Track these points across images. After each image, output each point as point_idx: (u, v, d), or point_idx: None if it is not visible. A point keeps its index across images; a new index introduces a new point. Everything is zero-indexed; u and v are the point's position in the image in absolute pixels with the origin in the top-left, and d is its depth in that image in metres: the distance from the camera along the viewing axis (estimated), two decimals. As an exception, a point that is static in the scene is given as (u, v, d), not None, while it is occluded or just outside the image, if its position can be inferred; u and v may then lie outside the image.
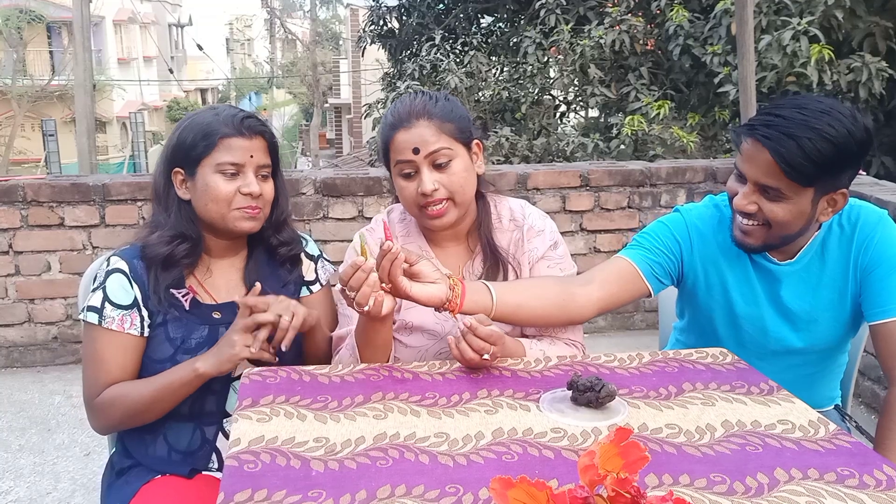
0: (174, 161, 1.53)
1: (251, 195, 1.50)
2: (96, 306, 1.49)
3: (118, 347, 1.49)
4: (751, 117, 1.48)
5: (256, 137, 1.52)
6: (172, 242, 1.50)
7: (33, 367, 3.68)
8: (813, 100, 1.44)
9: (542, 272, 1.61)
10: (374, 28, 9.80)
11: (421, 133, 1.51)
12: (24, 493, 2.66)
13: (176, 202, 1.53)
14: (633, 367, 1.42)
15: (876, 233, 1.55)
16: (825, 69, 5.12)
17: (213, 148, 1.48)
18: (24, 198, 3.53)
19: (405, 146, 1.51)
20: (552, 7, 7.13)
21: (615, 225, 4.03)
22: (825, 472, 1.05)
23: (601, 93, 6.69)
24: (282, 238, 1.61)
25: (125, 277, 1.50)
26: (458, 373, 1.39)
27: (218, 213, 1.50)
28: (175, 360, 1.49)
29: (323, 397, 1.28)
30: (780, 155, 1.39)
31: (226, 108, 1.56)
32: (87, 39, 5.92)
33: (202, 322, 1.53)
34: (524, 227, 1.64)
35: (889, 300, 1.51)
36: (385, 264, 1.35)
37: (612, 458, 0.84)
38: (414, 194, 1.53)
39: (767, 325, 1.64)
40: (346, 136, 25.36)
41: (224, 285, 1.58)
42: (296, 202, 3.73)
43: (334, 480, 1.03)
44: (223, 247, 1.58)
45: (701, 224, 1.66)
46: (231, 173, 1.49)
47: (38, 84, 22.10)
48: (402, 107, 1.55)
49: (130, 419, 1.50)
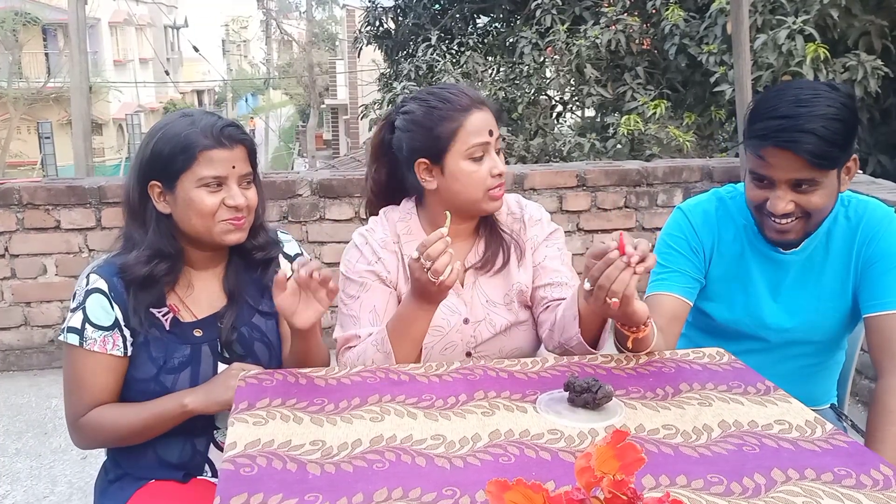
0: (150, 174, 1.45)
1: (236, 208, 1.45)
2: (76, 327, 1.44)
3: (100, 368, 1.45)
4: (753, 127, 1.50)
5: (237, 146, 1.45)
6: (151, 262, 1.44)
7: (30, 371, 3.67)
8: (796, 89, 1.49)
9: (543, 252, 1.64)
10: (371, 29, 9.80)
11: (489, 119, 1.56)
12: (21, 496, 2.65)
13: (154, 216, 1.47)
14: (629, 368, 1.42)
15: (881, 227, 1.59)
16: (821, 68, 5.12)
17: (194, 161, 1.41)
18: (19, 201, 3.53)
19: (483, 127, 1.54)
20: (548, 7, 7.14)
21: (612, 225, 4.03)
22: (822, 472, 1.05)
23: (597, 92, 6.70)
24: (257, 242, 1.55)
25: (105, 298, 1.45)
26: (454, 374, 1.39)
27: (203, 227, 1.45)
28: (158, 380, 1.47)
29: (319, 400, 1.28)
30: (806, 150, 1.43)
31: (201, 115, 1.48)
32: (82, 41, 5.90)
33: (183, 342, 1.50)
34: (524, 217, 1.67)
35: (886, 294, 1.55)
36: None
37: (608, 460, 0.84)
38: (485, 176, 1.54)
39: (767, 315, 1.66)
40: (343, 136, 25.38)
41: (206, 298, 1.54)
42: (292, 203, 3.73)
43: (331, 484, 1.03)
44: (205, 258, 1.53)
45: (705, 218, 1.69)
46: (214, 186, 1.43)
47: (34, 86, 22.05)
48: (467, 91, 1.57)
49: (115, 443, 1.50)
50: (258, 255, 1.56)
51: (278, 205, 3.69)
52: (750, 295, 1.66)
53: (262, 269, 1.58)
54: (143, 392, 1.48)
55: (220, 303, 1.54)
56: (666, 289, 1.64)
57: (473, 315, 1.60)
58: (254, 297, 1.57)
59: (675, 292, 1.64)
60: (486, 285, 1.63)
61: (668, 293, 1.64)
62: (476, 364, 1.44)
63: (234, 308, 1.54)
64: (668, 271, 1.66)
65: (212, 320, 1.52)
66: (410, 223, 1.64)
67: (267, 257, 1.57)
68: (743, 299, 1.67)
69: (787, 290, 1.64)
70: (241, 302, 1.55)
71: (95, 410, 1.47)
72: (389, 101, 7.60)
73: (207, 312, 1.53)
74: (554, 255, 1.65)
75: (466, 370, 1.40)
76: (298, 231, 3.73)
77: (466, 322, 1.60)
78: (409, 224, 1.64)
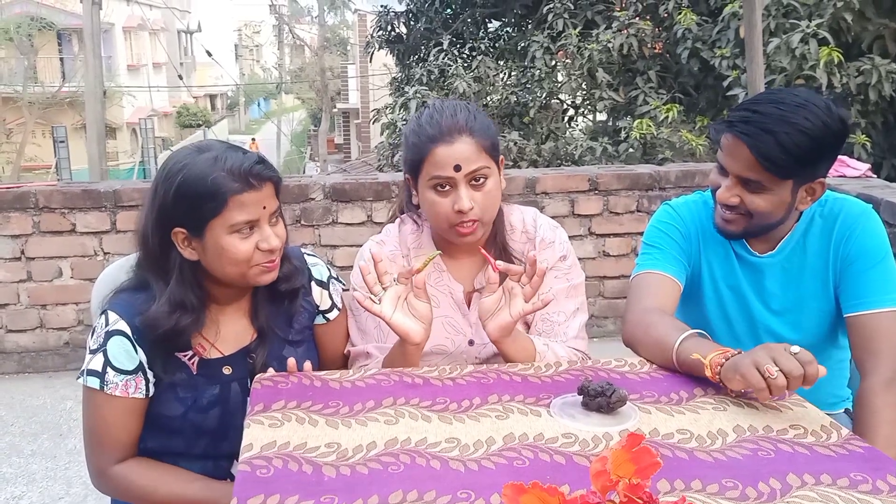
0: (173, 220, 1.35)
1: (271, 251, 1.38)
2: (97, 371, 1.38)
3: (122, 412, 1.41)
4: (729, 112, 1.51)
5: (265, 185, 1.36)
6: (174, 314, 1.36)
7: (45, 373, 3.70)
8: (790, 94, 1.48)
9: (551, 283, 1.60)
10: (382, 33, 9.84)
11: (463, 150, 1.47)
12: (37, 497, 2.68)
13: (178, 264, 1.38)
14: (643, 372, 1.42)
15: (858, 225, 1.59)
16: (834, 72, 5.11)
17: (224, 208, 1.32)
18: (36, 204, 3.56)
19: (447, 162, 1.46)
20: (560, 11, 7.15)
21: (624, 229, 4.02)
22: (838, 477, 1.05)
23: (609, 96, 6.70)
24: (282, 274, 1.46)
25: (128, 341, 1.38)
26: (468, 378, 1.39)
27: (237, 274, 1.38)
28: (186, 418, 1.43)
29: (334, 402, 1.29)
30: (759, 150, 1.43)
31: (223, 151, 1.36)
32: (97, 46, 5.96)
33: (212, 382, 1.45)
34: (536, 240, 1.63)
35: (865, 293, 1.55)
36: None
37: (624, 463, 0.84)
38: (448, 211, 1.48)
39: (756, 318, 1.67)
40: (355, 140, 25.43)
41: (232, 333, 1.48)
42: (305, 207, 3.75)
43: (346, 486, 1.03)
44: (230, 294, 1.46)
45: (692, 217, 1.70)
46: (246, 232, 1.35)
47: (49, 91, 22.25)
48: (444, 120, 1.49)
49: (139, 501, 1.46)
50: (283, 287, 1.48)
51: (291, 208, 3.71)
52: (737, 296, 1.67)
53: (289, 300, 1.52)
54: (169, 428, 1.45)
55: (248, 336, 1.49)
56: (655, 267, 1.63)
57: (479, 337, 1.58)
58: (282, 328, 1.52)
59: (664, 271, 1.62)
60: None
61: (657, 271, 1.63)
62: (489, 368, 1.44)
63: (264, 345, 1.48)
64: (658, 250, 1.65)
65: (241, 356, 1.47)
66: (422, 238, 1.64)
67: (292, 287, 1.50)
68: (732, 301, 1.68)
69: (770, 292, 1.65)
70: (272, 336, 1.50)
71: (127, 467, 1.43)
72: (401, 106, 7.62)
73: (235, 348, 1.48)
74: (558, 290, 1.61)
75: (480, 374, 1.41)
76: (311, 235, 3.75)
77: (472, 343, 1.59)
78: (420, 239, 1.64)
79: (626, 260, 4.05)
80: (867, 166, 3.92)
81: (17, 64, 22.43)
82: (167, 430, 1.46)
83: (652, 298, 1.57)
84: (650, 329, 1.48)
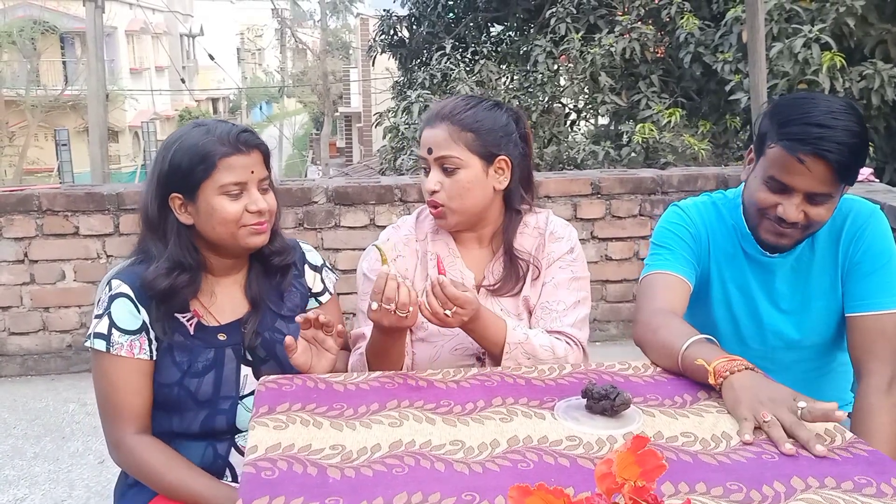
0: (169, 186, 1.47)
1: (259, 212, 1.48)
2: (103, 333, 1.46)
3: (130, 373, 1.47)
4: (789, 130, 1.46)
5: (254, 151, 1.48)
6: (171, 274, 1.46)
7: (47, 375, 3.71)
8: (824, 99, 1.49)
9: (555, 272, 1.64)
10: (385, 37, 9.86)
11: (437, 135, 1.57)
12: (40, 500, 2.68)
13: (174, 228, 1.48)
14: (647, 376, 1.42)
15: (868, 226, 1.60)
16: (837, 76, 5.11)
17: (213, 169, 1.44)
18: (39, 207, 3.57)
19: (424, 144, 1.59)
20: (562, 16, 7.16)
21: (627, 233, 4.03)
22: (842, 480, 1.05)
23: (611, 101, 6.71)
24: (274, 248, 1.57)
25: (130, 302, 1.48)
26: (472, 381, 1.39)
27: (228, 234, 1.47)
28: (182, 384, 1.49)
29: (339, 405, 1.29)
30: (840, 164, 1.43)
31: (215, 123, 1.50)
32: (99, 50, 5.97)
33: (207, 346, 1.52)
34: (546, 233, 1.67)
35: (868, 295, 1.56)
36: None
37: (629, 466, 0.84)
38: (426, 190, 1.59)
39: (763, 318, 1.67)
40: (357, 144, 25.45)
41: (228, 304, 1.56)
42: (308, 211, 3.75)
43: (351, 488, 1.04)
44: (226, 265, 1.56)
45: (701, 220, 1.70)
46: (235, 193, 1.46)
47: (52, 94, 22.31)
48: (436, 106, 1.62)
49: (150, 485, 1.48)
50: (276, 261, 1.58)
51: (294, 212, 3.72)
52: (746, 297, 1.67)
53: (281, 274, 1.61)
54: (167, 397, 1.50)
55: (243, 309, 1.57)
56: (664, 267, 1.63)
57: None
58: (275, 302, 1.60)
59: (673, 271, 1.62)
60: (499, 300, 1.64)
61: (667, 272, 1.63)
62: (493, 371, 1.45)
63: (257, 314, 1.56)
64: (668, 250, 1.65)
65: (235, 325, 1.55)
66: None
67: (285, 263, 1.60)
68: (740, 302, 1.68)
69: (779, 292, 1.65)
70: (264, 308, 1.58)
71: (142, 441, 1.47)
72: (403, 110, 7.63)
73: (230, 318, 1.55)
74: (561, 279, 1.63)
75: (484, 377, 1.41)
76: (314, 238, 3.75)
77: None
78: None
79: (628, 264, 4.05)
80: (869, 171, 3.92)
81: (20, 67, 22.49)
82: (165, 407, 1.51)
83: (661, 299, 1.58)
84: (658, 332, 1.48)
